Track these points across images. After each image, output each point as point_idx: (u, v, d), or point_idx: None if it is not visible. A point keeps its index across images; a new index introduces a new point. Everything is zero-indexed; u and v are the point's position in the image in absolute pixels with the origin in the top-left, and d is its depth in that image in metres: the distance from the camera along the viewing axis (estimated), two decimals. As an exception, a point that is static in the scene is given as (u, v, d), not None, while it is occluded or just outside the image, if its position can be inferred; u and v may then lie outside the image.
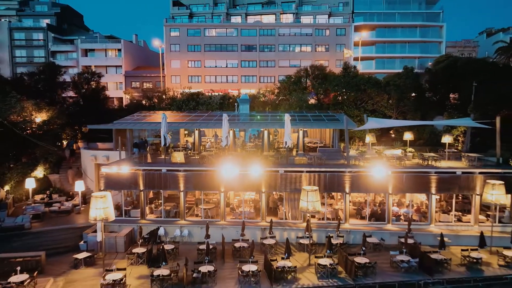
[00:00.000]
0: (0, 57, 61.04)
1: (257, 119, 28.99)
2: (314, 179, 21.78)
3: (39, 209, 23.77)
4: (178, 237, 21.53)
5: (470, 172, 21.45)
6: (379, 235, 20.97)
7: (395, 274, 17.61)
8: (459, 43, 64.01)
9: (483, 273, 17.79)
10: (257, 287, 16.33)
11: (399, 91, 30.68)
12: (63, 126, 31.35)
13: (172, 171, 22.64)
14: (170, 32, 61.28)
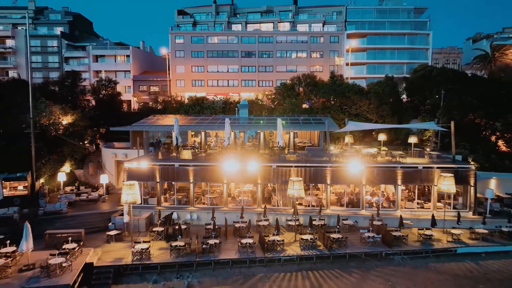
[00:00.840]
0: (18, 62, 65.69)
1: (254, 122, 33.60)
2: (301, 173, 26.32)
3: (71, 198, 28.36)
4: (189, 220, 26.07)
5: (430, 167, 26.01)
6: (354, 219, 25.51)
7: (362, 247, 22.18)
8: (444, 50, 68.39)
9: (433, 246, 22.35)
10: (253, 255, 20.91)
11: (378, 98, 35.23)
12: (85, 127, 35.94)
13: (183, 166, 27.20)
14: (175, 39, 65.81)
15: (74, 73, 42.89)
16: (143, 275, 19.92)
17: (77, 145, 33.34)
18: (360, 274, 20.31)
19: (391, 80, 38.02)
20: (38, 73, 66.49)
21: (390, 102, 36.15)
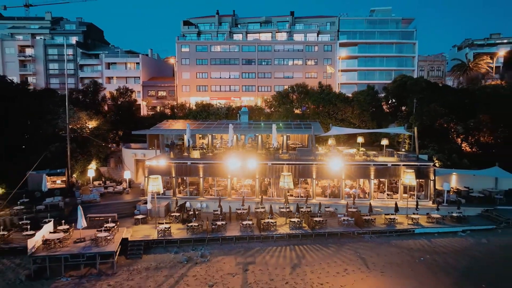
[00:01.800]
0: (37, 69, 71.39)
1: (253, 127, 39.27)
2: (292, 169, 31.98)
3: (100, 190, 34.06)
4: (199, 208, 31.72)
5: (396, 164, 31.67)
6: (334, 207, 31.18)
7: (339, 228, 27.85)
8: (429, 58, 73.95)
9: (395, 228, 28.01)
10: (252, 233, 26.59)
11: (360, 105, 40.83)
12: (107, 131, 41.62)
13: (194, 164, 32.89)
14: (181, 48, 71.47)
15: (95, 83, 48.69)
16: (166, 248, 25.61)
17: (101, 146, 39.01)
18: (335, 247, 25.97)
19: (372, 89, 43.69)
20: (54, 79, 72.32)
21: (371, 109, 41.75)
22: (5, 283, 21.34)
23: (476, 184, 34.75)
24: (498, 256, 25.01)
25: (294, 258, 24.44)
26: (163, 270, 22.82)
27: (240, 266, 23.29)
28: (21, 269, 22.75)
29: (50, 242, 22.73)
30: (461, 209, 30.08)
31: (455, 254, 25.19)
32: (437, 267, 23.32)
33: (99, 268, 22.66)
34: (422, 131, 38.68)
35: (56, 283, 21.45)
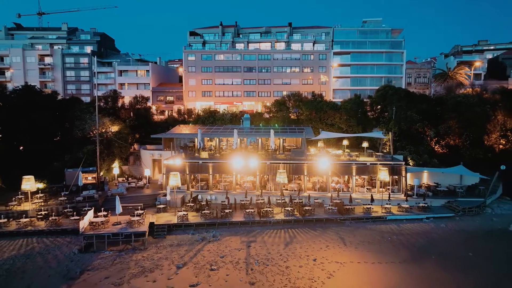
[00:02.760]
0: (55, 76, 77.58)
1: (254, 131, 45.50)
2: (287, 167, 38.16)
3: (125, 185, 40.27)
4: (209, 200, 37.89)
5: (374, 163, 37.85)
6: (322, 198, 37.35)
7: (324, 215, 34.03)
8: (416, 65, 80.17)
9: (371, 215, 34.18)
10: (253, 219, 32.79)
11: (347, 112, 46.99)
12: (127, 134, 47.82)
13: (204, 163, 39.08)
14: (188, 57, 77.72)
15: (115, 92, 54.92)
16: (185, 230, 31.82)
17: (123, 147, 45.22)
18: (321, 230, 32.15)
19: (358, 98, 49.89)
20: (71, 85, 78.57)
21: (357, 115, 47.90)
22: (63, 255, 27.52)
23: (444, 180, 40.90)
24: (451, 237, 31.21)
25: (287, 238, 30.64)
26: (183, 246, 29.02)
27: (244, 244, 29.48)
28: (73, 245, 28.97)
29: (95, 224, 28.96)
30: (427, 200, 36.29)
31: (417, 235, 31.38)
32: (400, 244, 29.52)
33: (133, 245, 28.88)
34: (400, 135, 44.98)
35: (101, 255, 27.63)
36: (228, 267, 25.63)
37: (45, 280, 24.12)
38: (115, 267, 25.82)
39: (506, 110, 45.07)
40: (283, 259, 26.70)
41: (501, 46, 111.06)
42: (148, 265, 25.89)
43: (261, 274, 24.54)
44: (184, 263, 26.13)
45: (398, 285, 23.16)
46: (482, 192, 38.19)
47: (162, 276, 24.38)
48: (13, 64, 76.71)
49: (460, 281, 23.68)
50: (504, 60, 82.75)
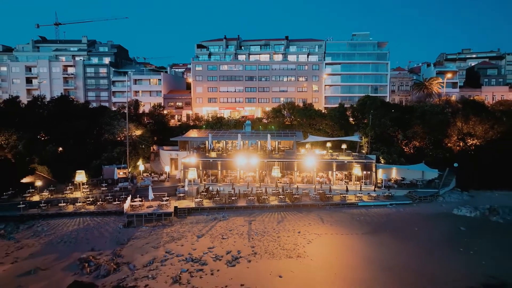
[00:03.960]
0: (77, 85, 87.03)
1: (255, 135, 54.90)
2: (280, 165, 47.52)
3: (150, 179, 49.68)
4: (219, 190, 47.28)
5: (350, 161, 47.23)
6: (308, 189, 46.72)
7: (309, 201, 43.44)
8: (399, 75, 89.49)
9: (346, 202, 43.55)
10: (254, 204, 42.22)
11: (332, 119, 56.36)
12: (149, 137, 57.24)
13: (214, 161, 48.50)
14: (196, 67, 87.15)
15: (137, 101, 64.37)
16: (201, 212, 41.22)
17: (147, 148, 54.63)
18: (306, 213, 41.49)
19: (342, 107, 59.33)
20: (91, 93, 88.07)
21: (340, 122, 57.26)
22: (111, 229, 36.91)
23: (409, 175, 50.25)
24: (405, 217, 40.57)
25: (279, 218, 40.04)
26: (200, 223, 38.43)
27: (246, 222, 38.87)
28: (117, 222, 38.40)
29: (134, 207, 38.40)
30: (392, 191, 45.69)
31: (379, 216, 40.76)
32: (365, 222, 38.91)
33: (163, 222, 38.30)
34: (375, 138, 54.36)
35: (140, 229, 37.01)
36: (235, 237, 35.03)
37: (103, 244, 33.55)
38: (152, 237, 35.25)
39: (464, 117, 54.36)
40: (276, 232, 36.10)
41: (482, 54, 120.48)
42: (176, 236, 35.32)
43: (259, 241, 33.94)
44: (202, 234, 35.55)
45: (356, 248, 32.60)
46: (437, 184, 47.57)
47: (187, 243, 33.78)
48: (40, 73, 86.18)
49: (402, 246, 33.04)
50: (478, 70, 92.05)
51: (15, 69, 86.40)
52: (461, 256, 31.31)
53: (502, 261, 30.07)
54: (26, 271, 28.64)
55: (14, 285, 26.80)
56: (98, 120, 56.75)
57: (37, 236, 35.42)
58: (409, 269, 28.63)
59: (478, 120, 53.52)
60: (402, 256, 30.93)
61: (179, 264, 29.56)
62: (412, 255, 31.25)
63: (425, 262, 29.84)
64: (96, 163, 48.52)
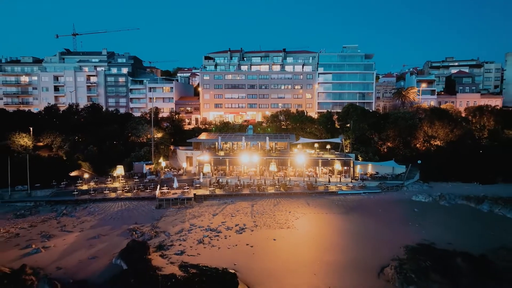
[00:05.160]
0: (99, 92, 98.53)
1: (256, 137, 66.37)
2: (277, 161, 58.96)
3: (171, 173, 61.14)
4: (228, 182, 58.64)
5: (333, 158, 58.66)
6: (299, 181, 58.11)
7: (299, 190, 54.87)
8: (383, 84, 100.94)
9: (328, 191, 54.96)
10: (255, 192, 53.68)
11: (320, 124, 67.72)
12: (168, 139, 68.69)
13: (223, 158, 59.96)
14: (203, 76, 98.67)
15: (156, 108, 75.89)
16: (214, 198, 52.64)
17: (166, 147, 66.06)
18: (296, 199, 52.87)
19: (329, 113, 70.78)
20: (111, 99, 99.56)
21: (327, 126, 68.63)
22: (146, 210, 48.32)
23: (382, 170, 61.53)
24: (374, 202, 51.87)
25: (275, 202, 51.43)
26: (214, 206, 49.81)
27: (249, 205, 50.24)
28: (150, 205, 49.79)
29: (163, 193, 49.87)
30: (365, 182, 57.05)
31: (353, 201, 52.11)
32: (341, 205, 50.27)
33: (185, 205, 49.71)
34: (356, 139, 65.73)
35: (168, 210, 48.39)
36: (241, 215, 46.44)
37: (143, 219, 44.97)
38: (178, 215, 46.69)
39: (429, 123, 65.65)
40: (272, 212, 47.54)
41: (463, 63, 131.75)
42: (196, 214, 46.77)
43: (259, 218, 45.35)
44: (216, 213, 46.99)
45: (333, 222, 44.04)
46: (403, 177, 58.94)
47: (206, 219, 45.21)
48: (66, 82, 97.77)
49: (367, 221, 44.31)
50: (455, 78, 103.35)
51: (44, 78, 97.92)
52: (409, 228, 42.66)
53: (436, 231, 41.37)
54: (92, 236, 40.14)
55: (86, 244, 38.28)
56: (125, 124, 68.20)
57: (91, 215, 46.95)
58: (369, 236, 39.98)
59: (441, 124, 64.79)
60: (366, 228, 42.31)
61: (201, 232, 40.97)
62: (373, 227, 42.61)
63: (381, 232, 41.21)
64: (127, 160, 59.93)
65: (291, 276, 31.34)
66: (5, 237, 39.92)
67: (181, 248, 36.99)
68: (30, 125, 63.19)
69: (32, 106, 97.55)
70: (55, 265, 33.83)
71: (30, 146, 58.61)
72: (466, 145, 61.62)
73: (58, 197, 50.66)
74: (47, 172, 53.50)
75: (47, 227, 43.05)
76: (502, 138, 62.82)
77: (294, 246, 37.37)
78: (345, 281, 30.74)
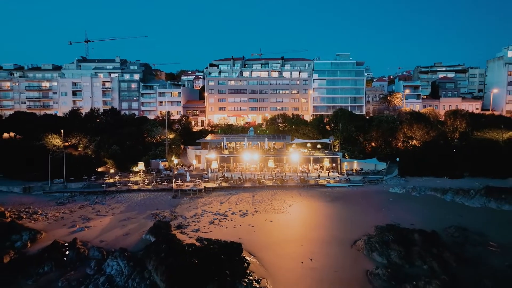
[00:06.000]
0: (113, 96, 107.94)
1: (256, 138, 75.77)
2: (274, 159, 68.33)
3: (182, 169, 70.56)
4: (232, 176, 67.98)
5: (323, 156, 68.03)
6: (293, 176, 67.47)
7: (293, 183, 64.25)
8: (373, 89, 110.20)
9: (318, 184, 64.33)
10: (255, 185, 63.09)
11: (312, 126, 77.04)
12: (179, 140, 78.08)
13: (228, 156, 69.38)
14: (209, 82, 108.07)
15: (168, 112, 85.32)
16: (220, 190, 62.03)
17: (177, 147, 75.45)
18: (290, 190, 62.20)
19: (320, 117, 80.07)
20: (124, 103, 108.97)
21: (319, 128, 77.94)
22: (165, 199, 57.72)
23: (366, 167, 70.83)
24: (356, 193, 61.18)
25: (272, 193, 60.79)
26: (221, 196, 59.19)
27: (251, 195, 59.60)
28: (168, 195, 59.17)
29: (178, 185, 59.32)
30: (350, 177, 66.39)
31: (339, 193, 61.44)
32: (328, 196, 59.59)
33: (197, 195, 59.11)
34: (344, 140, 75.10)
35: (183, 199, 57.77)
36: (244, 203, 55.84)
37: (162, 206, 54.32)
38: (191, 203, 56.10)
39: (408, 125, 74.92)
40: (269, 201, 56.93)
41: (450, 68, 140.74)
42: (206, 202, 56.18)
43: (259, 205, 54.71)
44: (223, 202, 56.40)
45: (320, 209, 53.44)
46: (383, 173, 68.29)
47: (214, 206, 54.59)
48: (83, 87, 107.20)
49: (348, 208, 53.65)
50: (439, 83, 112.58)
51: (63, 84, 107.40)
52: (382, 213, 51.97)
53: (403, 215, 50.59)
54: (123, 219, 49.55)
55: (119, 224, 47.65)
56: (141, 126, 77.66)
57: (119, 203, 56.36)
58: (348, 219, 49.32)
59: (418, 127, 74.08)
60: (346, 213, 51.67)
61: (211, 216, 50.33)
62: (352, 212, 51.94)
63: (358, 215, 50.52)
64: (145, 158, 69.33)
65: (283, 247, 40.76)
66: (54, 219, 49.43)
67: (196, 227, 46.43)
68: (57, 127, 72.62)
69: (52, 109, 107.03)
70: (98, 239, 43.30)
71: (61, 146, 67.99)
72: (439, 145, 70.83)
73: (90, 189, 60.12)
74: (78, 168, 62.98)
75: (84, 212, 52.50)
76: (471, 139, 71.96)
77: (286, 226, 46.81)
78: (325, 250, 40.18)
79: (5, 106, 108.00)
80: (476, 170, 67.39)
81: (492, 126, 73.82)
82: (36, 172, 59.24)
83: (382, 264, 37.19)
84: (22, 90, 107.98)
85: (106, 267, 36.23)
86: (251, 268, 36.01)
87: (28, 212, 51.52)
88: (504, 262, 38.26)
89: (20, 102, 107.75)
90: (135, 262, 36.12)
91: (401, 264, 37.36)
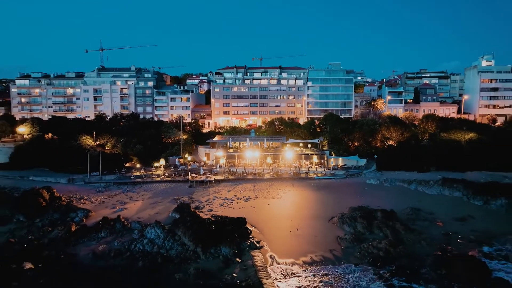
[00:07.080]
0: (130, 102, 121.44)
1: (257, 138, 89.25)
2: (272, 156, 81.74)
3: (195, 164, 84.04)
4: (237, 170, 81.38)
5: (312, 154, 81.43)
6: (287, 170, 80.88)
7: (287, 176, 77.70)
8: (361, 95, 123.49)
9: (308, 177, 77.76)
10: (256, 177, 76.57)
11: (304, 128, 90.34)
12: (191, 140, 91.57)
13: (233, 153, 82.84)
14: (215, 88, 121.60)
15: (180, 116, 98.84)
16: (227, 181, 75.47)
17: (190, 146, 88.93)
18: (284, 182, 75.57)
19: (312, 120, 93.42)
20: (140, 107, 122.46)
21: (310, 130, 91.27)
22: (183, 188, 71.14)
23: (349, 163, 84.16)
24: (339, 184, 74.54)
25: (270, 184, 74.18)
26: (228, 186, 72.58)
27: (252, 186, 73.00)
28: (185, 185, 72.59)
29: (193, 177, 72.85)
30: (334, 171, 79.79)
31: (325, 183, 74.81)
32: (316, 186, 72.98)
33: (209, 185, 72.54)
34: (331, 140, 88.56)
35: (197, 188, 71.19)
36: (246, 191, 69.28)
37: (181, 193, 67.73)
38: (204, 191, 69.54)
39: (386, 127, 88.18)
40: (267, 189, 70.37)
41: (434, 74, 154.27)
42: (217, 191, 69.63)
43: (259, 193, 68.14)
44: (230, 190, 69.86)
45: (308, 195, 66.93)
46: (363, 167, 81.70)
47: (223, 193, 68.05)
48: (103, 93, 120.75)
49: (331, 195, 67.07)
50: (420, 89, 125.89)
51: (85, 90, 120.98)
52: (357, 198, 65.22)
53: (373, 200, 63.77)
54: (152, 202, 63.04)
55: (150, 206, 61.13)
56: (159, 129, 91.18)
57: (146, 191, 69.82)
58: (329, 202, 62.66)
59: (394, 129, 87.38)
60: (328, 198, 65.08)
61: (221, 201, 63.79)
62: (333, 198, 65.33)
63: (338, 200, 63.84)
64: (164, 155, 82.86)
65: (276, 221, 54.22)
66: (97, 203, 62.94)
67: (210, 208, 59.94)
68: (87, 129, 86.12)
69: (76, 113, 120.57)
70: (136, 216, 56.72)
71: (94, 145, 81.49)
72: (411, 144, 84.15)
73: (121, 180, 73.65)
74: (110, 163, 76.47)
75: (120, 197, 65.96)
76: (438, 139, 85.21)
77: (280, 208, 60.29)
78: (308, 223, 53.60)
79: (34, 110, 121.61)
80: (441, 165, 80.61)
81: (457, 128, 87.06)
82: (79, 166, 72.68)
83: (350, 232, 50.54)
84: (49, 96, 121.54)
85: (147, 233, 49.50)
86: (253, 235, 49.38)
87: (76, 198, 65.09)
88: (441, 232, 51.65)
89: (47, 106, 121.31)
90: (168, 230, 49.55)
91: (363, 232, 50.73)
